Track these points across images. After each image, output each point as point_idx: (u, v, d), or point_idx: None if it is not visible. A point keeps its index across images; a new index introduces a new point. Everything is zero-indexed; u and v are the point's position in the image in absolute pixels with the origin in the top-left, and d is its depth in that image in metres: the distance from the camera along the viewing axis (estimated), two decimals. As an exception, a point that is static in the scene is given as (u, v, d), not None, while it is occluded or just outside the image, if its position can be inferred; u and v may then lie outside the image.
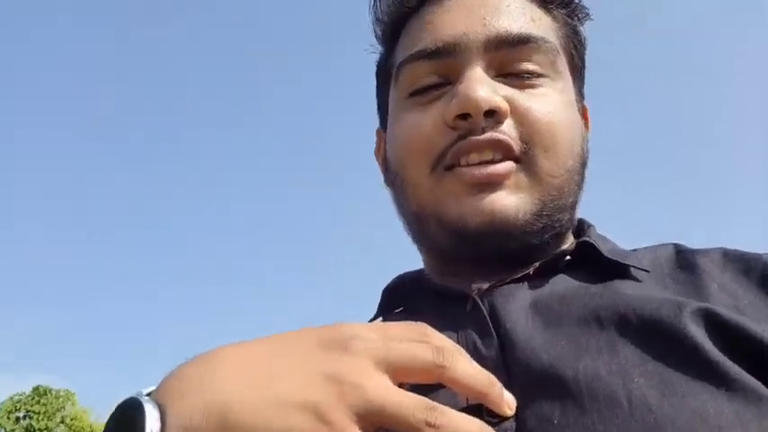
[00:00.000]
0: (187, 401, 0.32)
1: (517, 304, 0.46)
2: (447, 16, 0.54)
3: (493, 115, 0.50)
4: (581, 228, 0.58)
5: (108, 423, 0.34)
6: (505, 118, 0.50)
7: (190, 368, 0.34)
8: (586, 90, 0.61)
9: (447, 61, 0.52)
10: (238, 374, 0.33)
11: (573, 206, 0.54)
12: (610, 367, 0.39)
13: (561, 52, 0.55)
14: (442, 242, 0.53)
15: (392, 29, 0.59)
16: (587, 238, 0.51)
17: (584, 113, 0.61)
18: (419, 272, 0.60)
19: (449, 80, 0.53)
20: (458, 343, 0.43)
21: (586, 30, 0.60)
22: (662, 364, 0.38)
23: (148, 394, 0.34)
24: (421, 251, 0.60)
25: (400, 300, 0.57)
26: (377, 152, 0.66)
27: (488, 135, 0.49)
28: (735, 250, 0.51)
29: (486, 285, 0.50)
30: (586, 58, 0.61)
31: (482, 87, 0.49)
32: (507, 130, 0.50)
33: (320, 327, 0.36)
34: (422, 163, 0.52)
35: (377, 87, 0.64)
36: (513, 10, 0.53)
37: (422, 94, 0.54)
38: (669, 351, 0.39)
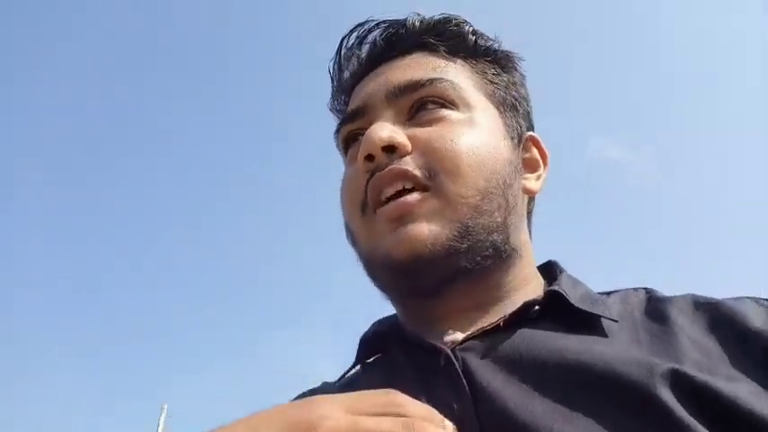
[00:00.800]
0: None
1: (489, 360, 0.47)
2: (362, 88, 0.63)
3: (394, 151, 0.55)
4: (552, 273, 0.60)
5: None
6: (406, 152, 0.55)
7: None
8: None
9: (363, 120, 0.60)
10: None
11: (503, 227, 0.56)
12: None
13: (474, 89, 0.61)
14: (386, 282, 0.58)
15: (340, 111, 0.69)
16: (556, 287, 0.52)
17: (534, 143, 0.64)
18: (396, 318, 0.61)
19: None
20: (430, 400, 0.44)
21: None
22: (634, 428, 0.39)
23: None
24: (387, 299, 0.61)
25: (377, 348, 0.59)
26: None
27: (389, 168, 0.54)
28: (703, 298, 0.52)
29: (458, 337, 0.51)
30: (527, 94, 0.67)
31: (381, 129, 0.55)
32: (408, 162, 0.54)
33: (290, 405, 0.37)
34: (354, 210, 0.58)
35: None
36: (412, 65, 0.61)
37: (351, 150, 0.61)
38: (641, 415, 0.40)
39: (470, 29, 0.64)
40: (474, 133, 0.57)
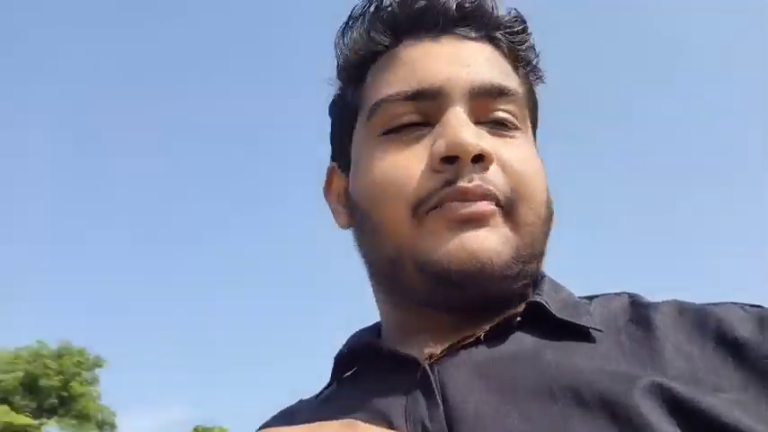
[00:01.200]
0: None
1: (467, 374, 0.45)
2: (429, 59, 0.54)
3: (479, 161, 0.50)
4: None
5: None
6: (491, 164, 0.50)
7: None
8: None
9: (429, 103, 0.52)
10: None
11: (541, 256, 0.54)
12: None
13: (527, 108, 0.57)
14: (419, 287, 0.51)
15: (359, 65, 0.58)
16: (537, 298, 0.51)
17: None
18: (372, 333, 0.59)
19: (428, 121, 0.52)
20: (405, 417, 0.44)
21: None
22: None
23: None
24: (381, 301, 0.58)
25: (353, 363, 0.56)
26: (327, 190, 0.64)
27: (477, 183, 0.49)
28: (688, 303, 0.51)
29: (438, 350, 0.49)
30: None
31: (470, 131, 0.50)
32: (493, 179, 0.50)
33: None
34: (402, 205, 0.50)
35: (335, 123, 0.63)
36: (490, 62, 0.55)
37: (399, 132, 0.53)
38: (621, 429, 0.38)
39: (533, 40, 0.59)
40: (536, 157, 0.55)
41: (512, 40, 0.57)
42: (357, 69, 0.59)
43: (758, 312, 0.47)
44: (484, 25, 0.56)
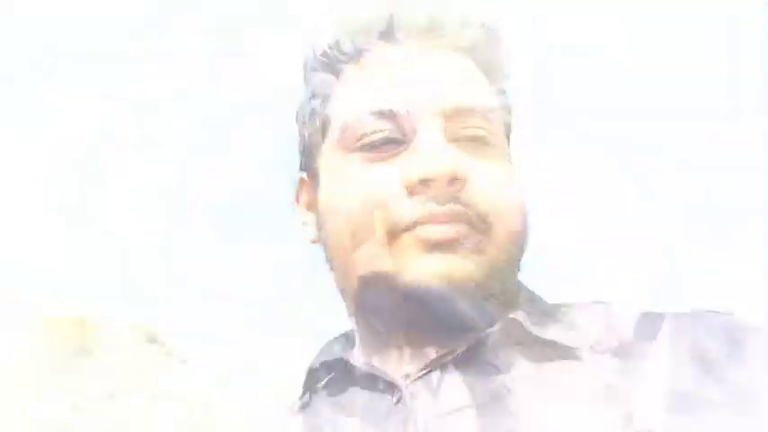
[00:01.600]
0: None
1: (441, 395, 0.46)
2: (400, 74, 0.53)
3: (453, 182, 0.49)
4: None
5: None
6: (465, 185, 0.50)
7: None
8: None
9: (400, 120, 0.51)
10: None
11: (516, 272, 0.54)
12: None
13: (503, 125, 0.56)
14: (389, 307, 0.51)
15: (327, 73, 0.57)
16: (512, 314, 0.50)
17: None
18: (345, 345, 0.58)
19: (401, 139, 0.51)
20: None
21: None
22: None
23: None
24: (353, 315, 0.57)
25: (327, 375, 0.55)
26: (297, 201, 0.62)
27: (450, 207, 0.49)
28: (676, 315, 0.50)
29: (413, 368, 0.49)
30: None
31: (444, 154, 0.49)
32: (466, 200, 0.49)
33: None
34: (376, 231, 0.50)
35: (302, 133, 0.60)
36: (464, 76, 0.54)
37: (371, 150, 0.52)
38: None
39: (506, 48, 0.58)
40: (513, 175, 0.54)
41: (485, 50, 0.56)
42: (325, 78, 0.57)
43: (728, 323, 0.47)
44: (455, 36, 0.55)
